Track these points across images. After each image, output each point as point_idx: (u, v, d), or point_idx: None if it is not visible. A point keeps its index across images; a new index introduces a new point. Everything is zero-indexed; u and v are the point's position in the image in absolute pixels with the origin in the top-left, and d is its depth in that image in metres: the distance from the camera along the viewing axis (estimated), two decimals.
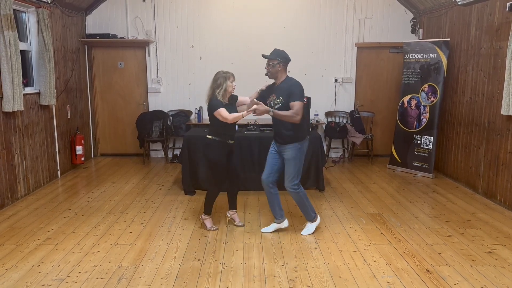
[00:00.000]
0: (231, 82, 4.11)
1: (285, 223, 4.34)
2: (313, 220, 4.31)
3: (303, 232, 4.28)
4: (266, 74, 4.10)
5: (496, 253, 3.84)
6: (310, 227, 4.31)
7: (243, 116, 3.97)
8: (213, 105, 4.06)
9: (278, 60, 3.99)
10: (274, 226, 4.34)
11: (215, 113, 4.04)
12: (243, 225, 4.51)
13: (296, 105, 3.90)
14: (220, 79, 4.08)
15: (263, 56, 4.06)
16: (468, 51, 6.04)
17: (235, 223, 4.53)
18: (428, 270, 3.50)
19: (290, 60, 4.09)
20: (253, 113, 3.91)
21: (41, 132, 5.98)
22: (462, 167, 6.14)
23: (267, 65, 4.06)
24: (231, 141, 4.25)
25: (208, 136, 4.23)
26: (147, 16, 7.61)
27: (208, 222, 4.39)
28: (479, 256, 3.78)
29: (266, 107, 3.88)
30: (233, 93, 4.23)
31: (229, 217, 4.56)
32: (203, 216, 4.41)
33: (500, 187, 5.21)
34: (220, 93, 4.07)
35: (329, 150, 7.78)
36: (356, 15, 7.64)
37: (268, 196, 4.29)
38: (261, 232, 4.32)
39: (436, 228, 4.43)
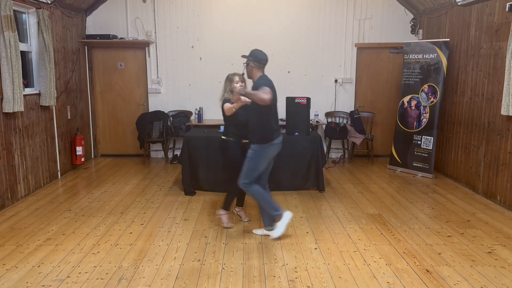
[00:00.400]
0: (236, 83, 4.25)
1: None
2: (276, 218, 4.08)
3: (271, 235, 4.09)
4: (242, 74, 4.26)
5: (496, 253, 3.84)
6: (278, 228, 4.06)
7: (234, 108, 4.01)
8: (222, 105, 4.27)
9: (250, 59, 4.05)
10: (262, 231, 4.29)
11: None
12: (249, 221, 4.64)
13: (265, 88, 3.77)
14: (226, 81, 4.36)
15: (242, 56, 4.16)
16: (468, 51, 6.04)
17: (241, 219, 4.66)
18: (428, 271, 3.50)
19: (263, 59, 4.04)
20: (237, 100, 3.90)
21: (41, 132, 5.99)
22: (462, 168, 6.14)
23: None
24: (245, 141, 4.36)
25: (223, 137, 4.38)
26: (147, 17, 7.61)
27: (226, 218, 4.44)
28: (479, 256, 3.78)
29: (238, 87, 4.00)
30: None
31: (235, 213, 4.69)
32: (221, 211, 4.44)
33: (500, 187, 5.21)
34: (227, 94, 4.31)
35: (329, 150, 7.78)
36: (356, 16, 7.64)
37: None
38: (252, 232, 4.33)
39: (436, 229, 4.43)
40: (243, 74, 4.24)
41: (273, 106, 3.98)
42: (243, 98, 3.79)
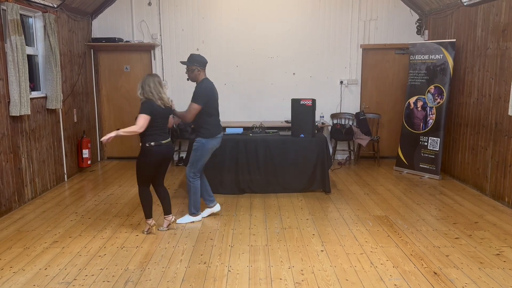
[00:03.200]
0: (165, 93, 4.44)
1: (217, 207, 4.84)
2: (191, 214, 4.67)
3: (178, 220, 4.61)
4: (188, 79, 4.53)
5: (504, 255, 3.81)
6: (185, 218, 4.66)
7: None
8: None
9: (196, 65, 4.44)
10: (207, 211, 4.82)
11: None
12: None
13: (190, 105, 4.41)
14: (156, 83, 4.37)
15: (181, 62, 4.52)
16: (474, 51, 6.01)
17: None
18: (435, 273, 3.48)
19: (205, 62, 4.52)
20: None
21: (48, 135, 6.02)
22: (469, 169, 6.09)
23: (186, 71, 4.49)
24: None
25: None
26: (152, 20, 7.64)
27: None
28: (487, 258, 3.75)
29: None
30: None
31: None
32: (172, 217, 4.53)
33: (508, 189, 5.17)
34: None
35: (335, 152, 7.76)
36: (361, 17, 7.62)
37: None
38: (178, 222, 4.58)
39: (443, 230, 4.40)
40: (188, 79, 4.52)
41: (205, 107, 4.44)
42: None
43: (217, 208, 4.85)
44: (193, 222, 4.64)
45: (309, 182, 5.75)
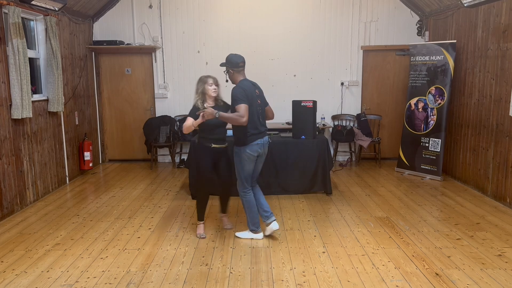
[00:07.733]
0: (210, 86, 4.16)
1: (274, 225, 4.21)
2: (251, 231, 4.25)
3: (238, 234, 4.31)
4: (226, 81, 4.19)
5: (506, 256, 3.81)
6: (245, 233, 4.29)
7: (194, 126, 3.99)
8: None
9: (227, 65, 4.07)
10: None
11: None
12: (231, 228, 4.53)
13: (240, 107, 3.87)
14: (198, 83, 4.21)
15: (220, 65, 4.19)
16: (475, 53, 6.01)
17: (224, 226, 4.56)
18: (437, 274, 3.48)
19: (238, 62, 4.05)
20: (201, 118, 3.92)
21: (50, 138, 6.03)
22: (471, 170, 6.09)
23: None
24: (214, 145, 4.20)
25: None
26: (153, 23, 7.66)
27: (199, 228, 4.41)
28: (489, 259, 3.74)
29: (212, 110, 3.90)
30: (220, 98, 4.30)
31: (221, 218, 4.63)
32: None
33: (509, 190, 5.16)
34: (199, 97, 4.18)
35: (336, 153, 7.76)
36: (361, 18, 7.63)
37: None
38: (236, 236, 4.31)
39: (445, 231, 4.40)
40: (227, 80, 4.17)
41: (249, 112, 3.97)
42: (206, 115, 3.86)
43: (274, 226, 4.18)
44: (253, 238, 4.24)
45: (311, 184, 5.76)
